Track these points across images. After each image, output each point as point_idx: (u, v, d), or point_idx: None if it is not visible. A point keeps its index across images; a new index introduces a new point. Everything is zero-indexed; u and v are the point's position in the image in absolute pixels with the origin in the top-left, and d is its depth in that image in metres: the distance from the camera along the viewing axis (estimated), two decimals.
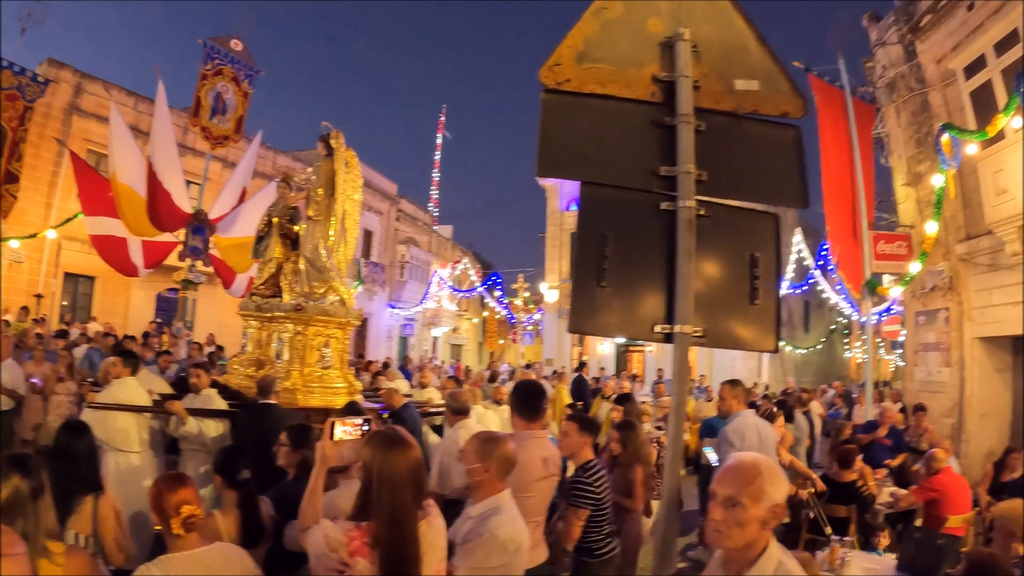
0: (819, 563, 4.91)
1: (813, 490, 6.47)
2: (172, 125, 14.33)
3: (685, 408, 2.31)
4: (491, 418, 7.26)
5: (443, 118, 47.84)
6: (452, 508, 3.65)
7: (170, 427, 6.08)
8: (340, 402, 7.13)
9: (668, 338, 2.31)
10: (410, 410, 6.89)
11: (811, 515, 6.44)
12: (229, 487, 3.66)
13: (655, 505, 5.25)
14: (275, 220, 8.20)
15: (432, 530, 2.46)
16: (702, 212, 2.43)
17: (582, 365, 16.22)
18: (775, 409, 7.51)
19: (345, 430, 2.78)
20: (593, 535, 4.30)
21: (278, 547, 3.53)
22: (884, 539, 6.56)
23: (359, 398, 7.31)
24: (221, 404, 6.54)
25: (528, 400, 3.87)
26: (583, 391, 13.33)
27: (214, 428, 6.14)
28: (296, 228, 8.06)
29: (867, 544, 6.53)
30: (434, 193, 46.64)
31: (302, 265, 7.58)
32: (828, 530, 6.06)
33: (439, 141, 47.48)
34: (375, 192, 28.48)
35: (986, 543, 5.57)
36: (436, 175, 47.18)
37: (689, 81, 2.50)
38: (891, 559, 5.35)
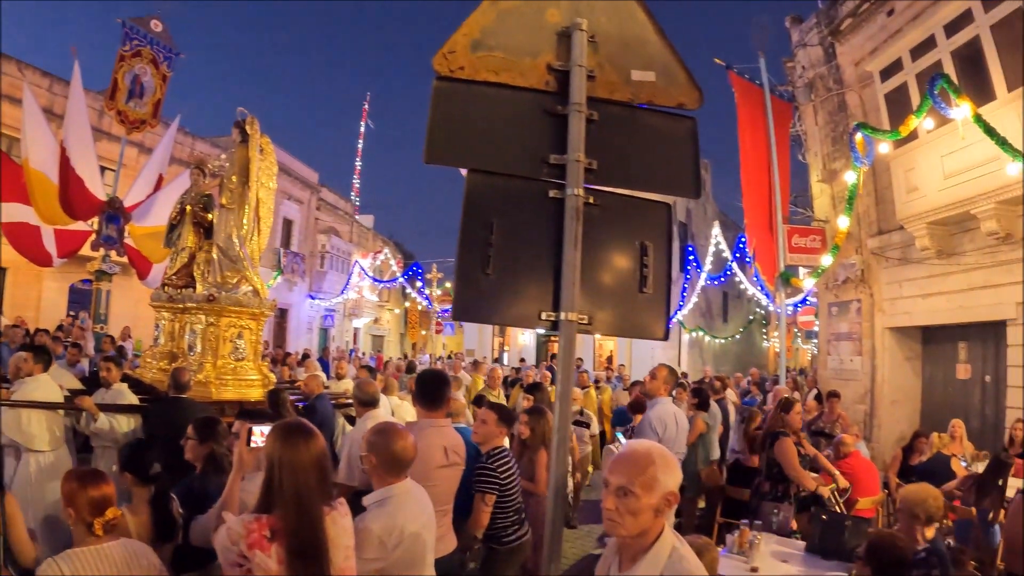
0: (729, 546, 5.04)
1: (835, 486, 6.30)
2: (87, 108, 13.72)
3: (571, 394, 2.32)
4: (407, 409, 7.18)
5: (367, 106, 47.00)
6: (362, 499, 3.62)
7: (81, 424, 5.87)
8: (254, 395, 7.00)
9: (554, 326, 2.31)
10: (323, 401, 6.79)
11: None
12: (139, 484, 3.55)
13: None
14: (188, 208, 7.99)
15: (336, 527, 2.42)
16: (591, 200, 2.43)
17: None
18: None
19: (263, 431, 2.75)
20: (500, 522, 4.32)
21: (185, 543, 3.43)
22: (794, 523, 6.75)
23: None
24: (132, 399, 6.35)
25: (429, 390, 3.86)
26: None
27: (126, 424, 5.96)
28: (210, 216, 7.86)
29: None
30: (356, 182, 45.85)
31: (215, 254, 7.39)
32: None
33: (362, 130, 46.59)
34: (296, 180, 27.96)
35: (891, 524, 5.80)
36: (358, 164, 46.34)
37: (583, 70, 2.50)
38: (801, 542, 5.52)
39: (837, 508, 6.03)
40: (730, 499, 6.68)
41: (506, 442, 4.66)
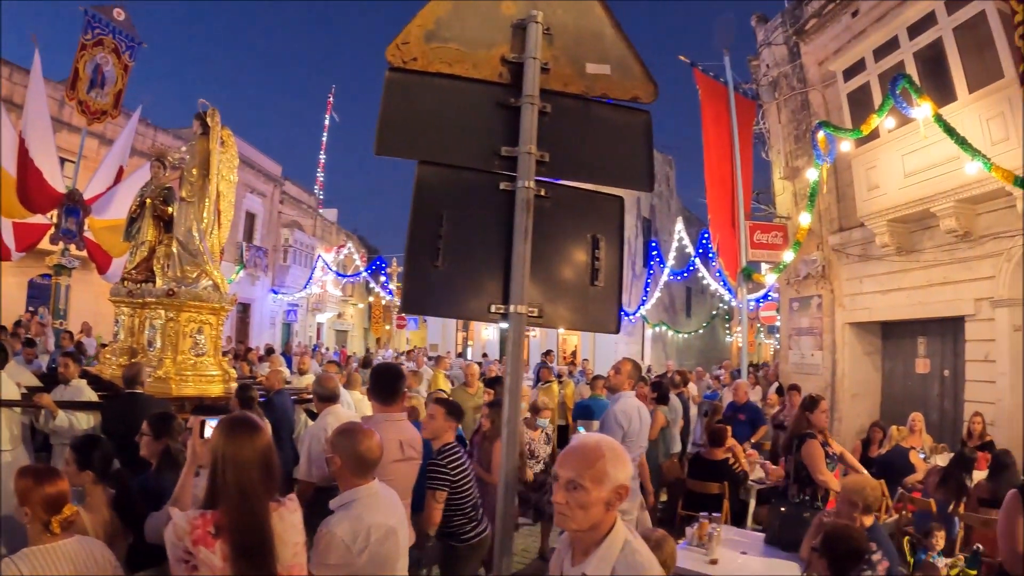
0: (689, 538, 5.08)
1: None
2: (47, 98, 13.44)
3: (521, 388, 2.31)
4: (368, 403, 7.14)
5: (331, 99, 46.66)
6: (324, 496, 3.58)
7: (39, 422, 5.78)
8: (215, 391, 6.92)
9: (504, 318, 2.30)
10: (282, 396, 6.72)
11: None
12: (98, 481, 3.48)
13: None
14: (148, 201, 7.87)
15: (283, 523, 2.38)
16: (542, 193, 2.42)
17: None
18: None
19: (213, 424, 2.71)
20: (457, 519, 4.31)
21: (141, 540, 3.37)
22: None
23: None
24: (91, 395, 6.27)
25: (384, 384, 3.83)
26: None
27: (85, 421, 5.88)
28: (170, 209, 7.74)
29: (740, 520, 6.81)
30: (320, 176, 45.51)
31: (175, 248, 7.29)
32: None
33: (326, 123, 46.25)
34: (259, 174, 27.53)
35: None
36: (322, 157, 46.02)
37: (537, 63, 2.48)
38: (760, 533, 5.59)
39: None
40: (691, 492, 6.72)
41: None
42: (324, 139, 46.16)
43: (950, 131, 8.10)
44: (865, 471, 6.08)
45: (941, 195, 9.10)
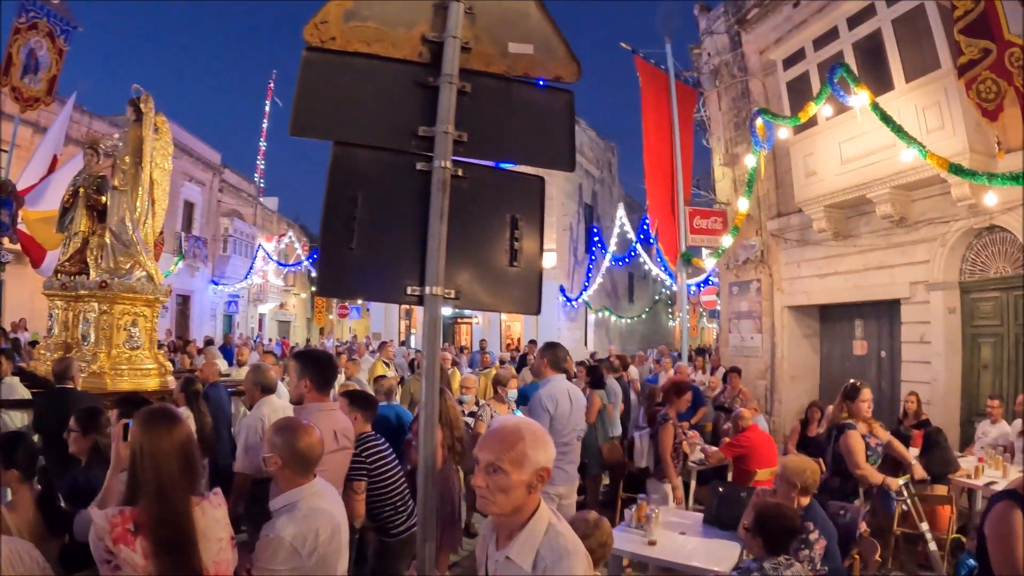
0: (628, 520, 5.12)
1: (909, 477, 5.66)
2: None
3: (437, 372, 2.27)
4: None
5: (272, 85, 45.69)
6: (262, 489, 3.52)
7: None
8: (151, 384, 6.78)
9: (420, 300, 2.26)
10: (217, 389, 6.59)
11: (903, 508, 5.70)
12: (23, 480, 3.35)
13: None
14: (81, 190, 7.62)
15: (206, 518, 2.31)
16: (459, 173, 2.39)
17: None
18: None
19: None
20: (385, 512, 4.26)
21: (72, 540, 3.26)
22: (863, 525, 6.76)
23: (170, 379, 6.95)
24: (24, 393, 6.09)
25: (319, 372, 3.74)
26: None
27: (19, 419, 5.71)
28: (103, 199, 7.51)
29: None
30: (260, 163, 44.56)
31: (107, 239, 7.07)
32: (924, 526, 5.54)
33: (267, 109, 45.21)
34: (197, 162, 26.88)
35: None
36: (263, 144, 45.04)
37: (457, 42, 2.44)
38: (698, 513, 5.66)
39: (910, 503, 5.59)
40: (632, 474, 6.79)
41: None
42: (265, 126, 45.05)
43: (886, 119, 8.29)
44: (913, 460, 5.93)
45: (877, 182, 9.33)
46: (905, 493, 5.54)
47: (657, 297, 30.81)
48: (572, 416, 5.19)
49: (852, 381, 5.66)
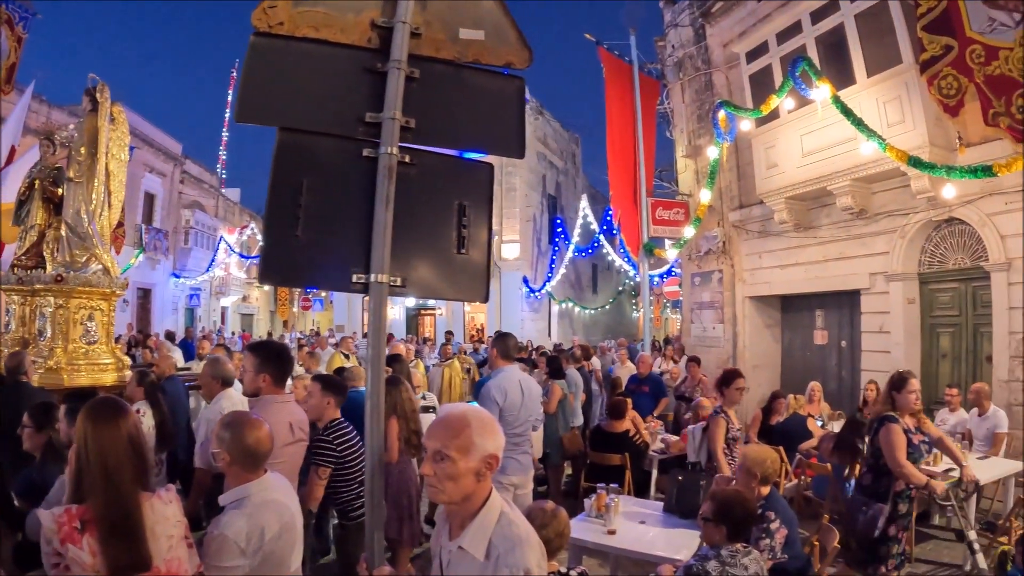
0: (587, 510, 5.13)
1: (956, 479, 5.32)
2: None
3: (383, 360, 2.25)
4: None
5: (235, 74, 45.16)
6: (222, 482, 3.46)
7: None
8: (108, 379, 6.67)
9: (366, 288, 2.25)
10: (174, 383, 6.49)
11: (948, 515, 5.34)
12: None
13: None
14: (37, 182, 7.46)
15: (155, 514, 2.23)
16: (407, 160, 2.37)
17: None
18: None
19: None
20: (345, 495, 4.27)
21: (26, 540, 3.19)
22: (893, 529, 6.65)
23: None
24: None
25: (276, 364, 3.70)
26: None
27: None
28: (59, 191, 7.35)
29: (644, 490, 6.96)
30: (222, 154, 44.12)
31: (63, 232, 6.93)
32: (972, 534, 5.15)
33: (229, 99, 44.69)
34: (158, 152, 26.36)
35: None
36: (225, 135, 44.59)
37: (407, 27, 2.42)
38: (658, 502, 5.69)
39: (956, 508, 5.28)
40: (594, 464, 6.83)
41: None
42: (227, 115, 44.68)
43: (847, 112, 8.40)
44: (965, 462, 5.44)
45: (838, 174, 9.47)
46: (952, 499, 5.20)
47: (621, 288, 31.02)
48: (524, 406, 5.17)
49: (899, 371, 4.98)
